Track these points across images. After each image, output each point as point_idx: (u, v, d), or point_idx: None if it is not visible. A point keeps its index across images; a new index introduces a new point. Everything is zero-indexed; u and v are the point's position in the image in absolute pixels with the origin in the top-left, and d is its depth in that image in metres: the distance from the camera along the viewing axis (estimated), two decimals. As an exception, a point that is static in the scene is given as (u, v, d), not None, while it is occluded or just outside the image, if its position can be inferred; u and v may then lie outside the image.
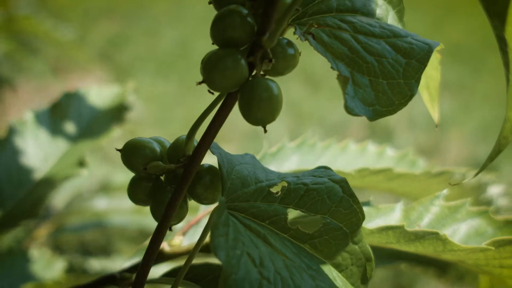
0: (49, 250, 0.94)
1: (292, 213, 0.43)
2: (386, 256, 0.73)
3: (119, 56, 3.23)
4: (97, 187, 1.21)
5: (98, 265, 1.11)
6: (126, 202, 1.19)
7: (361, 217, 0.43)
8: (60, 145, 0.72)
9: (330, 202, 0.42)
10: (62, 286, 0.70)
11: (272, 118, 0.37)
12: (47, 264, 0.79)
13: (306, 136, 0.69)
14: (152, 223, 1.14)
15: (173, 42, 3.44)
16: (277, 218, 0.41)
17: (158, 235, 0.41)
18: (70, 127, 0.74)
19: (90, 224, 1.19)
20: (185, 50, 3.31)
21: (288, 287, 0.37)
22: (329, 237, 0.43)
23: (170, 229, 0.42)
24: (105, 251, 1.49)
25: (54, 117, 0.72)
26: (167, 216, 0.40)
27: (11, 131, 0.71)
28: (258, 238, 0.39)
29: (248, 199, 0.41)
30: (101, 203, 1.19)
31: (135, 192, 0.42)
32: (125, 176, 1.25)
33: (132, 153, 0.41)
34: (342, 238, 0.43)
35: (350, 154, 0.72)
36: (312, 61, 2.98)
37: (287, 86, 2.85)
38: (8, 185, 0.65)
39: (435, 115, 0.49)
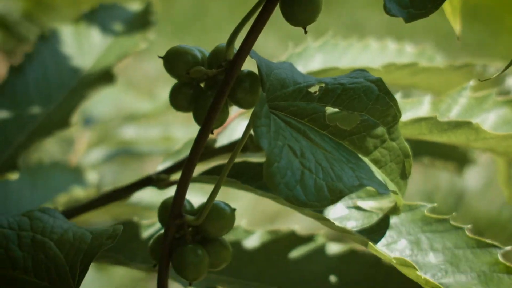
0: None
1: (330, 112, 0.44)
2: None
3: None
4: (124, 115, 1.22)
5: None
6: (153, 131, 1.20)
7: (397, 114, 0.44)
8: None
9: (367, 99, 0.43)
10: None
11: (313, 19, 0.38)
12: (80, 173, 0.82)
13: (328, 36, 0.69)
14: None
15: (189, 3, 3.37)
16: (316, 115, 0.43)
17: (202, 136, 0.42)
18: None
19: (118, 151, 1.20)
20: (202, 12, 3.24)
21: (329, 176, 0.38)
22: (367, 133, 0.44)
23: (212, 133, 0.43)
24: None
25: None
26: (210, 119, 0.41)
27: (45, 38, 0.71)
28: (298, 133, 0.41)
29: (287, 98, 0.42)
30: (128, 132, 1.20)
31: (177, 99, 0.44)
32: (151, 104, 1.25)
33: (175, 59, 0.42)
34: (380, 135, 0.44)
35: (372, 51, 0.72)
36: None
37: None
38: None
39: (457, 27, 0.50)
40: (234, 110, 0.59)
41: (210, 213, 0.42)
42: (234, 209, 0.44)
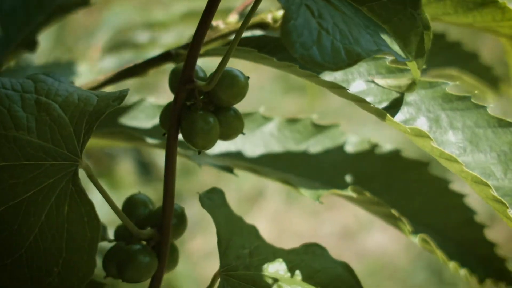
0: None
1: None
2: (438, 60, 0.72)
3: None
4: (139, 23, 1.20)
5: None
6: (168, 36, 1.18)
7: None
8: None
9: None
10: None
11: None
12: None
13: None
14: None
15: None
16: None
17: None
18: None
19: (132, 58, 1.18)
20: None
21: (347, 39, 0.36)
22: (388, 1, 0.42)
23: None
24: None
25: None
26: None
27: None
28: (316, -5, 0.38)
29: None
30: (142, 37, 1.18)
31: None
32: (165, 14, 1.23)
33: None
34: (400, 3, 0.42)
35: None
36: None
37: None
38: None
39: None
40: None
41: (223, 79, 0.40)
42: (248, 77, 0.42)
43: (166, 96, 0.48)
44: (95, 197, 0.40)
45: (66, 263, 0.36)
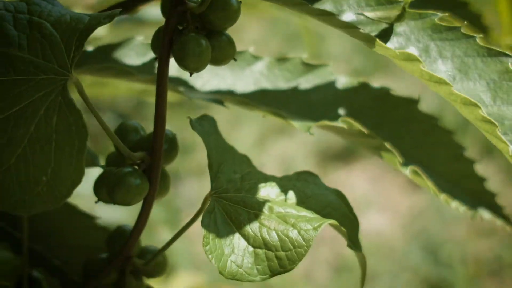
0: None
1: None
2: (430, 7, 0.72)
3: None
4: None
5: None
6: None
7: None
8: None
9: None
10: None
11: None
12: None
13: None
14: None
15: None
16: None
17: None
18: None
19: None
20: None
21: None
22: None
23: None
24: None
25: None
26: None
27: None
28: None
29: None
30: None
31: None
32: None
33: None
34: None
35: None
36: None
37: None
38: None
39: None
40: None
41: (215, 1, 0.41)
42: (240, 1, 0.42)
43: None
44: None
45: (54, 173, 0.36)
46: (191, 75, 0.42)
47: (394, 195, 2.18)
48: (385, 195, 2.13)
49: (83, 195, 0.58)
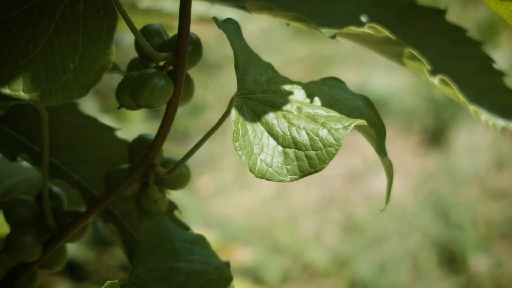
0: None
1: None
2: None
3: None
4: None
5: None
6: None
7: None
8: None
9: None
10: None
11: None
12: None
13: None
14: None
15: None
16: None
17: None
18: None
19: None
20: None
21: None
22: None
23: None
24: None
25: None
26: None
27: None
28: None
29: None
30: None
31: None
32: None
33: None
34: None
35: None
36: None
37: None
38: None
39: None
40: None
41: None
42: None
43: None
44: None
45: (82, 59, 0.35)
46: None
47: (405, 157, 2.16)
48: (396, 157, 2.12)
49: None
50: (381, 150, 0.43)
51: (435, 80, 0.46)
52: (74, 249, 1.36)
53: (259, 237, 1.86)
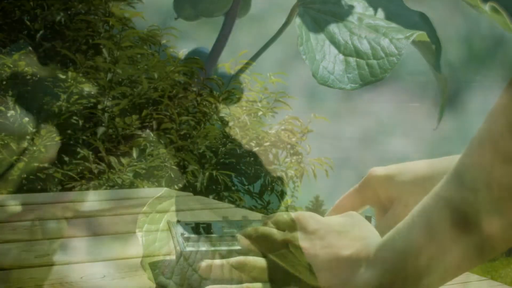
0: None
1: None
2: None
3: None
4: None
5: None
6: None
7: None
8: None
9: None
10: None
11: None
12: None
13: None
14: None
15: None
16: None
17: None
18: None
19: None
20: None
21: None
22: None
23: None
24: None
25: None
26: None
27: None
28: None
29: None
30: None
31: None
32: None
33: None
34: None
35: None
36: None
37: None
38: None
39: None
40: None
41: None
42: None
43: None
44: None
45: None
46: None
47: (419, 121, 2.16)
48: (411, 120, 2.12)
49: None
50: (437, 66, 0.43)
51: (486, 7, 0.45)
52: None
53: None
